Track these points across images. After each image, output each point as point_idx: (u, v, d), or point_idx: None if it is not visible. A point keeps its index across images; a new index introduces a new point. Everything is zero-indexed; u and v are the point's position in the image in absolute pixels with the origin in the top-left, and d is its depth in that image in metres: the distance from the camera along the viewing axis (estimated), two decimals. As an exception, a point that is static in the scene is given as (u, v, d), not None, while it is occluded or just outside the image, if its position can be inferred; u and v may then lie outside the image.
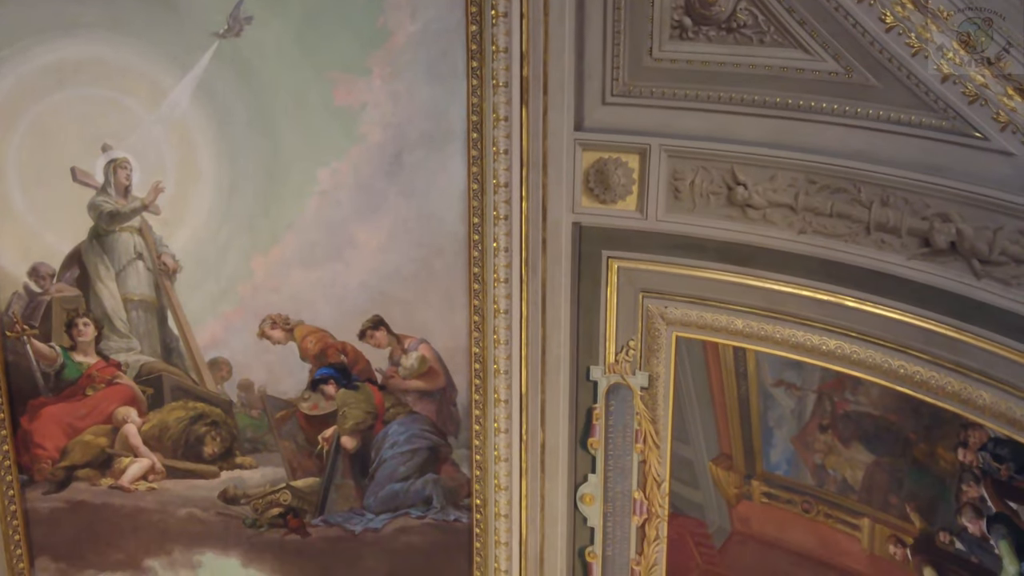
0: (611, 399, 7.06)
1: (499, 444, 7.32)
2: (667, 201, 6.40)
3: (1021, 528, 5.69)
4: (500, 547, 7.61)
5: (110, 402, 7.34)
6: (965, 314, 5.54)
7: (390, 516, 7.70)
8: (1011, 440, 5.52)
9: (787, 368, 6.55)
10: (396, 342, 7.26)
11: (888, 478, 6.39)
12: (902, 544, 6.42)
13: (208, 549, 7.74)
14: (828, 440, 6.59)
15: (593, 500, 7.38)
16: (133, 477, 7.48)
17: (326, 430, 7.51)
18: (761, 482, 6.99)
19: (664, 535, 7.33)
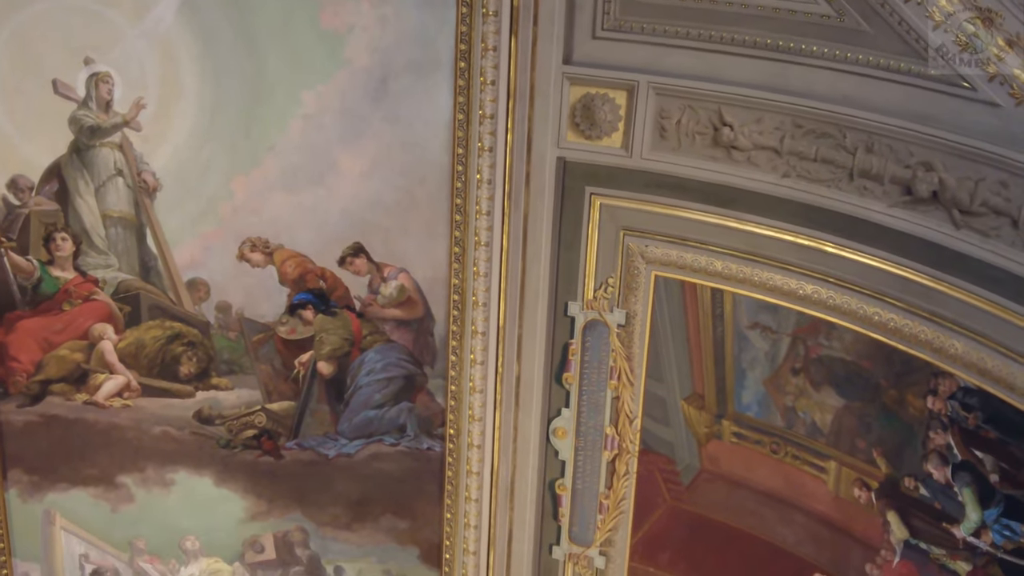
0: (588, 335, 7.09)
1: (475, 375, 7.36)
2: (652, 139, 6.37)
3: (986, 477, 5.79)
4: (472, 476, 7.69)
5: (87, 318, 7.33)
6: (942, 264, 5.58)
7: (364, 442, 7.76)
8: (980, 390, 5.59)
9: (763, 311, 6.60)
10: (376, 270, 7.25)
11: (857, 423, 6.48)
12: (867, 488, 6.53)
13: (181, 468, 7.78)
14: (800, 383, 6.66)
15: (565, 434, 7.44)
16: (108, 394, 7.50)
17: (303, 355, 7.52)
18: (731, 422, 7.08)
19: (634, 470, 7.42)
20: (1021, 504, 5.65)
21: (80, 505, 7.90)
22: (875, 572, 6.73)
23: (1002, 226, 5.32)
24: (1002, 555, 5.82)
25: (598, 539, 7.73)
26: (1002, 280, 5.36)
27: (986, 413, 5.65)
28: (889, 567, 6.62)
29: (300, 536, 8.09)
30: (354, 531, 8.09)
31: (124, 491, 7.84)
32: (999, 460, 5.71)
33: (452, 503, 7.89)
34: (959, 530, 6.00)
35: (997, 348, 5.45)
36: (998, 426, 5.63)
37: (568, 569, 7.92)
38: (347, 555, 8.18)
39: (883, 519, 6.51)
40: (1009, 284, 5.33)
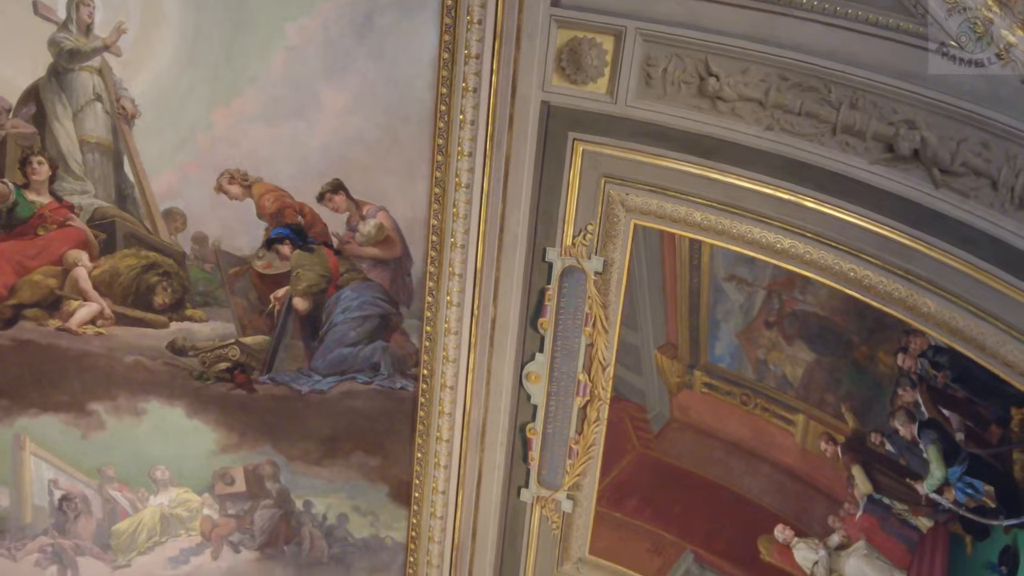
0: (564, 281, 7.10)
1: (450, 317, 7.36)
2: (638, 87, 6.33)
3: (951, 435, 5.87)
4: (444, 417, 7.73)
5: (61, 244, 7.26)
6: (920, 222, 5.60)
7: (337, 379, 7.77)
8: (951, 349, 5.65)
9: (740, 263, 6.62)
10: (355, 208, 7.21)
11: (827, 377, 6.54)
12: (833, 442, 6.61)
13: (153, 397, 7.78)
14: (772, 337, 6.71)
15: (538, 379, 7.48)
16: (81, 320, 7.46)
17: (279, 290, 7.50)
18: (703, 372, 7.13)
19: (604, 417, 7.47)
20: (985, 463, 5.73)
21: (50, 431, 7.89)
22: (837, 524, 6.84)
23: (981, 187, 5.35)
24: (964, 512, 5.92)
25: (566, 483, 7.80)
26: (978, 241, 5.40)
27: (955, 372, 5.72)
28: (851, 520, 6.72)
29: (270, 470, 8.13)
30: (324, 467, 8.13)
31: (95, 418, 7.83)
32: (965, 419, 5.79)
33: (423, 443, 7.93)
34: (922, 486, 6.09)
35: (969, 308, 5.50)
36: (966, 385, 5.69)
37: (535, 512, 8.00)
38: (317, 490, 8.24)
39: (848, 473, 6.60)
40: (985, 245, 5.37)
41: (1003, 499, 5.66)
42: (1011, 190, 5.25)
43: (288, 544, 8.46)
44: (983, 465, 5.74)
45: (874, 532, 6.63)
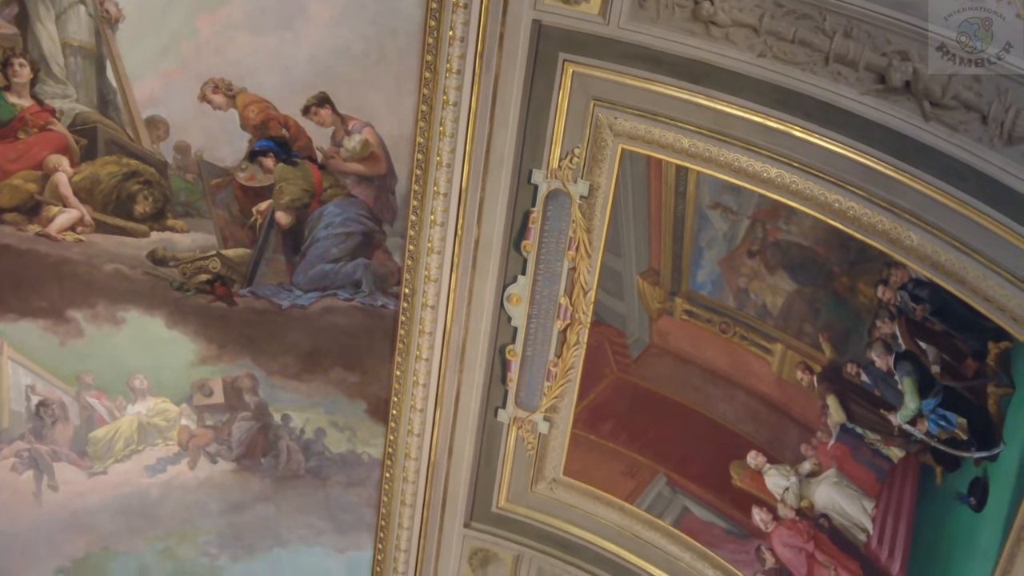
0: (549, 204, 7.07)
1: (433, 236, 7.34)
2: (631, 9, 6.24)
3: (927, 367, 5.93)
4: (424, 336, 7.75)
5: (42, 148, 7.17)
6: (907, 155, 5.59)
7: (318, 295, 7.77)
8: (931, 282, 5.68)
9: (726, 191, 6.61)
10: (340, 122, 7.14)
11: (806, 307, 6.58)
12: (810, 371, 6.67)
13: (133, 307, 7.76)
14: (755, 266, 6.73)
15: (519, 301, 7.49)
16: (61, 227, 7.39)
17: (261, 203, 7.45)
18: (684, 300, 7.16)
19: (584, 341, 7.51)
20: (959, 396, 5.80)
21: (29, 336, 7.86)
22: (810, 452, 6.94)
23: (971, 121, 5.33)
24: (935, 444, 6.01)
25: (543, 405, 7.86)
26: (965, 175, 5.40)
27: (934, 305, 5.76)
28: (824, 448, 6.82)
29: (249, 383, 8.16)
30: (303, 381, 8.16)
31: (74, 326, 7.81)
32: (942, 352, 5.84)
33: (402, 361, 7.96)
34: (895, 417, 6.17)
35: (952, 242, 5.52)
36: (945, 319, 5.74)
37: (512, 432, 8.07)
38: (295, 404, 8.28)
39: (822, 402, 6.67)
40: (971, 179, 5.37)
41: (975, 432, 5.75)
42: (1000, 125, 5.24)
43: (265, 456, 8.52)
44: (957, 398, 5.81)
45: (845, 461, 6.73)
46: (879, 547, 6.57)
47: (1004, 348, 5.49)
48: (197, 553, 8.96)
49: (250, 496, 8.68)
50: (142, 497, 8.60)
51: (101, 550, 8.86)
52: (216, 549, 8.95)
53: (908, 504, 6.34)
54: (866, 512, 6.64)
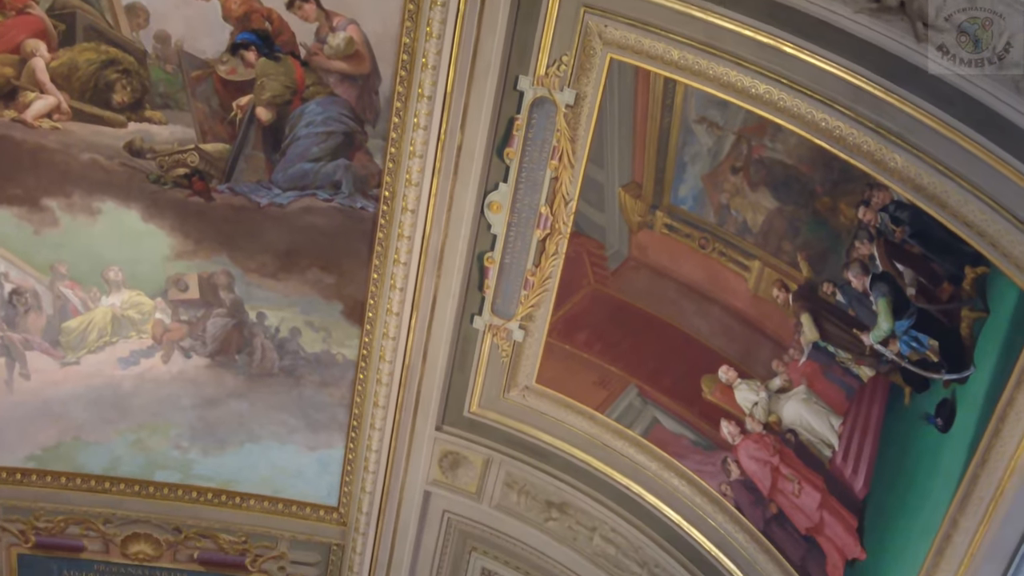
0: (534, 112, 7.02)
1: (416, 140, 7.27)
2: (628, -86, 6.15)
3: (902, 289, 5.98)
4: (403, 240, 7.72)
5: (19, 31, 6.98)
6: (897, 76, 5.56)
7: (297, 194, 7.70)
8: (912, 205, 5.70)
9: (712, 106, 6.57)
10: (325, 18, 7.00)
11: (786, 225, 6.60)
12: (786, 289, 6.73)
13: (109, 198, 7.66)
14: (737, 182, 6.73)
15: (500, 208, 7.47)
16: (37, 113, 7.25)
17: (242, 98, 7.33)
18: (665, 214, 7.16)
19: (563, 251, 7.52)
20: (932, 318, 5.87)
21: (3, 224, 7.74)
22: (781, 369, 7.03)
23: (963, 44, 5.30)
24: (906, 365, 6.10)
25: (519, 314, 7.90)
26: (953, 99, 5.38)
27: (914, 228, 5.79)
28: (795, 365, 6.91)
29: (225, 280, 8.12)
30: (280, 280, 8.14)
31: (49, 215, 7.71)
32: (918, 275, 5.89)
33: (380, 264, 7.94)
34: (868, 337, 6.25)
35: (936, 165, 5.52)
36: (923, 242, 5.78)
37: (487, 339, 8.12)
38: (271, 303, 8.27)
39: (796, 320, 6.74)
40: (959, 104, 5.36)
41: (946, 354, 5.83)
42: (992, 50, 5.22)
43: (239, 353, 8.53)
44: (930, 320, 5.88)
45: (816, 378, 6.83)
46: (844, 463, 6.71)
47: (981, 273, 5.54)
48: (168, 446, 9.01)
49: (223, 392, 8.71)
50: (114, 389, 8.61)
51: (72, 439, 8.89)
52: (188, 442, 9.00)
53: (875, 422, 6.46)
54: (833, 429, 6.77)
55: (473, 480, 8.96)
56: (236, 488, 9.33)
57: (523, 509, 8.92)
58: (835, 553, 6.90)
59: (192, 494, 9.33)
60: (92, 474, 9.16)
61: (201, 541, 9.65)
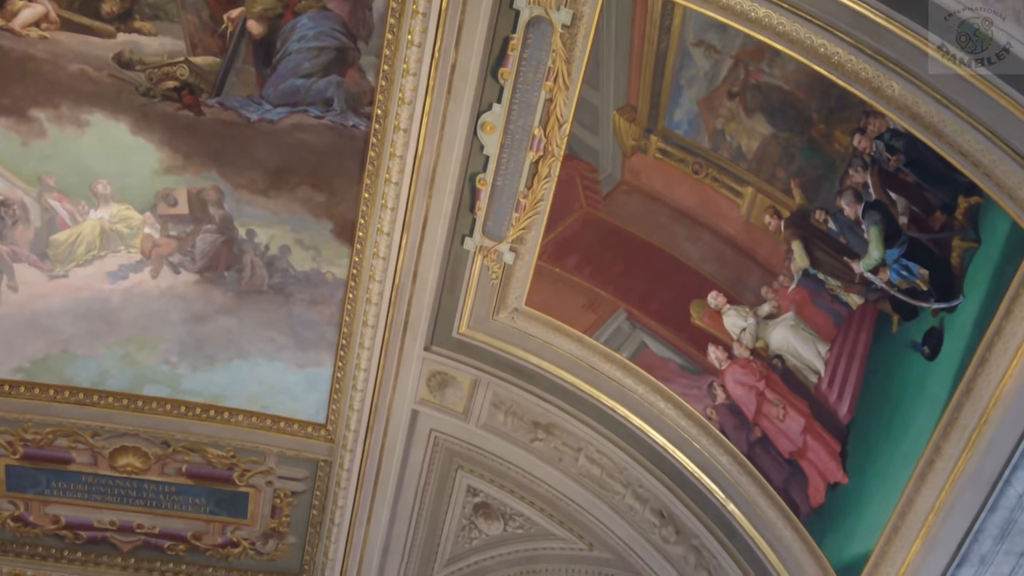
0: (530, 32, 6.93)
1: (410, 57, 7.18)
2: None
3: (895, 218, 5.99)
4: (394, 159, 7.67)
5: (5, -64, 6.85)
6: (897, 2, 5.50)
7: (288, 111, 7.62)
8: (908, 134, 5.68)
9: (711, 29, 6.50)
10: (319, -71, 6.88)
11: (781, 152, 6.58)
12: (778, 216, 6.73)
13: (97, 110, 7.56)
14: (733, 107, 6.68)
15: (493, 129, 7.42)
16: (25, 22, 7.11)
17: (233, 10, 7.20)
18: (659, 138, 7.12)
19: (555, 174, 7.49)
20: (923, 247, 5.89)
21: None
22: (770, 295, 7.07)
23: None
24: (895, 293, 6.13)
25: (510, 236, 7.89)
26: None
27: (909, 157, 5.78)
28: (784, 292, 6.94)
29: (215, 195, 8.07)
30: (270, 198, 8.09)
31: (37, 125, 7.60)
32: (911, 203, 5.90)
33: (371, 183, 7.90)
34: (858, 265, 6.27)
35: (933, 94, 5.49)
36: (917, 171, 5.78)
37: (477, 261, 8.12)
38: (261, 220, 8.23)
39: (787, 247, 6.76)
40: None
41: (936, 283, 5.86)
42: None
43: (228, 270, 8.51)
44: (921, 249, 5.90)
45: (804, 305, 6.87)
46: (829, 389, 6.78)
47: (974, 203, 5.55)
48: (157, 360, 9.02)
49: (212, 308, 8.70)
50: (103, 303, 8.58)
51: (60, 352, 8.88)
52: (176, 357, 9.02)
53: (862, 350, 6.51)
54: (819, 355, 6.83)
55: (461, 400, 9.03)
56: (224, 404, 9.38)
57: (510, 429, 9.00)
58: (817, 477, 7.01)
59: (181, 409, 9.38)
60: (80, 387, 9.17)
61: (189, 455, 9.72)
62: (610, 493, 8.73)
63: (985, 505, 5.39)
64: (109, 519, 10.27)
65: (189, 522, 10.38)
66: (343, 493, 9.90)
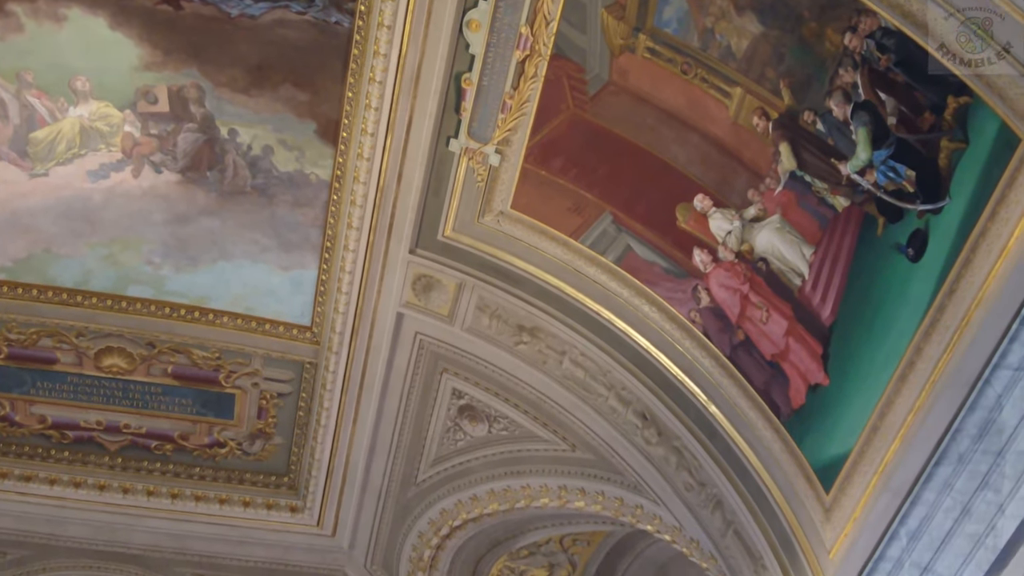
0: (516, -74, 6.78)
1: (393, -48, 7.02)
2: None
3: (883, 119, 5.93)
4: (378, 58, 7.53)
5: None
6: None
7: (269, 5, 7.46)
8: (899, 32, 5.59)
9: (702, -76, 6.36)
10: None
11: (771, 51, 6.48)
12: (766, 117, 6.66)
13: (75, 4, 7.35)
14: (723, 5, 6.56)
15: (479, 27, 7.26)
16: (-3, -91, 6.92)
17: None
18: (648, 37, 7.00)
19: (542, 74, 7.37)
20: (911, 148, 5.84)
21: (-37, 27, 7.50)
22: (756, 198, 7.03)
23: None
24: (881, 195, 6.09)
25: (496, 137, 7.80)
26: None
27: (899, 56, 5.69)
28: (770, 194, 6.91)
29: (195, 93, 7.93)
30: (251, 96, 7.96)
31: (13, 20, 7.40)
32: (900, 104, 5.83)
33: (355, 82, 7.77)
34: (845, 167, 6.22)
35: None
36: (908, 71, 5.69)
37: (462, 163, 8.04)
38: (242, 119, 8.11)
39: (775, 149, 6.70)
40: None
41: (923, 185, 5.82)
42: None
43: (211, 170, 8.41)
44: (909, 150, 5.85)
45: (790, 208, 6.84)
46: (812, 292, 6.79)
47: (963, 103, 5.48)
48: (140, 262, 8.97)
49: (195, 209, 8.62)
50: (84, 202, 8.49)
51: (43, 252, 8.81)
52: (160, 259, 8.96)
53: (846, 252, 6.50)
54: (804, 258, 6.82)
55: (446, 303, 9.03)
56: (209, 305, 9.37)
57: (494, 332, 9.02)
58: (798, 379, 7.06)
59: (165, 310, 9.36)
60: (64, 287, 9.14)
61: (175, 356, 9.74)
62: (593, 395, 8.80)
63: (964, 405, 5.43)
64: (95, 419, 10.33)
65: (176, 422, 10.46)
66: (329, 395, 9.96)
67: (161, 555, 11.18)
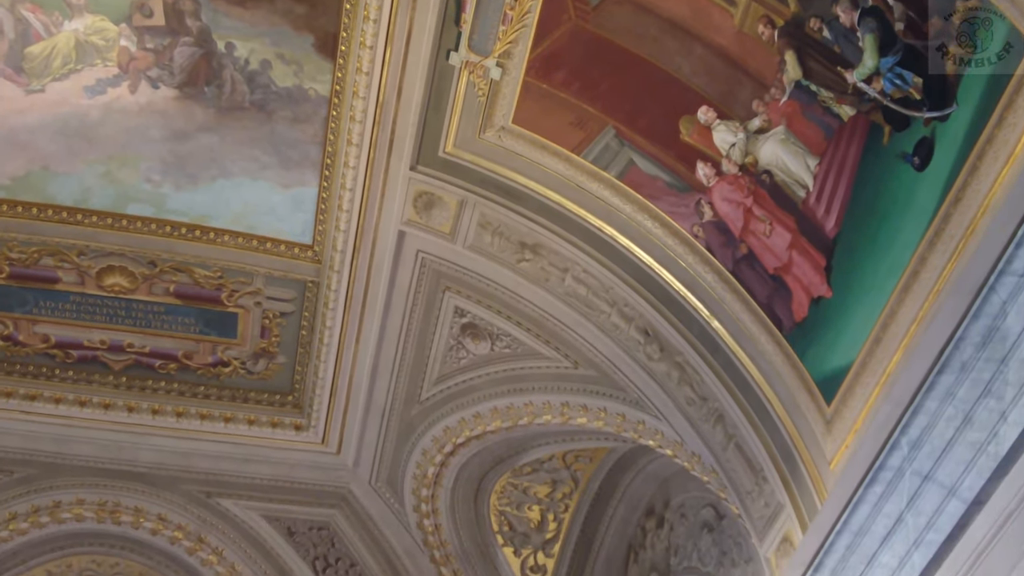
0: None
1: None
2: None
3: (891, 24, 5.81)
4: (376, -33, 7.40)
5: None
6: None
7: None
8: (910, -68, 5.48)
9: None
10: None
11: (778, -43, 6.35)
12: (772, 25, 6.53)
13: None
14: (729, -90, 6.42)
15: (479, -65, 7.13)
16: None
17: None
18: (652, -56, 6.87)
19: (543, -17, 7.25)
20: (918, 54, 5.73)
21: (-47, -61, 7.35)
22: (761, 109, 6.93)
23: None
24: (888, 103, 5.99)
25: (497, 50, 7.69)
26: None
27: (908, -41, 5.58)
28: (776, 105, 6.81)
29: (191, 6, 7.78)
30: (248, 9, 7.82)
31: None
32: (908, 9, 5.71)
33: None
34: (852, 75, 6.11)
35: None
36: (917, -28, 5.58)
37: (463, 76, 7.93)
38: (240, 32, 7.98)
39: (780, 58, 6.59)
40: None
41: (930, 92, 5.72)
42: None
43: (208, 85, 8.29)
44: (916, 57, 5.73)
45: (795, 118, 6.74)
46: (816, 203, 6.72)
47: (972, 7, 5.33)
48: (139, 179, 8.90)
49: (193, 125, 8.52)
50: (81, 118, 8.39)
51: (41, 169, 8.73)
52: (159, 176, 8.89)
53: (851, 162, 6.43)
54: (808, 169, 6.74)
55: (447, 221, 8.98)
56: (210, 224, 9.32)
57: (496, 250, 8.98)
58: (801, 292, 7.03)
59: (166, 228, 9.32)
60: (63, 205, 9.07)
61: (177, 275, 9.72)
62: (596, 312, 8.78)
63: (968, 312, 5.38)
64: (99, 338, 10.34)
65: (179, 341, 10.47)
66: (331, 314, 9.96)
67: (167, 473, 11.28)
